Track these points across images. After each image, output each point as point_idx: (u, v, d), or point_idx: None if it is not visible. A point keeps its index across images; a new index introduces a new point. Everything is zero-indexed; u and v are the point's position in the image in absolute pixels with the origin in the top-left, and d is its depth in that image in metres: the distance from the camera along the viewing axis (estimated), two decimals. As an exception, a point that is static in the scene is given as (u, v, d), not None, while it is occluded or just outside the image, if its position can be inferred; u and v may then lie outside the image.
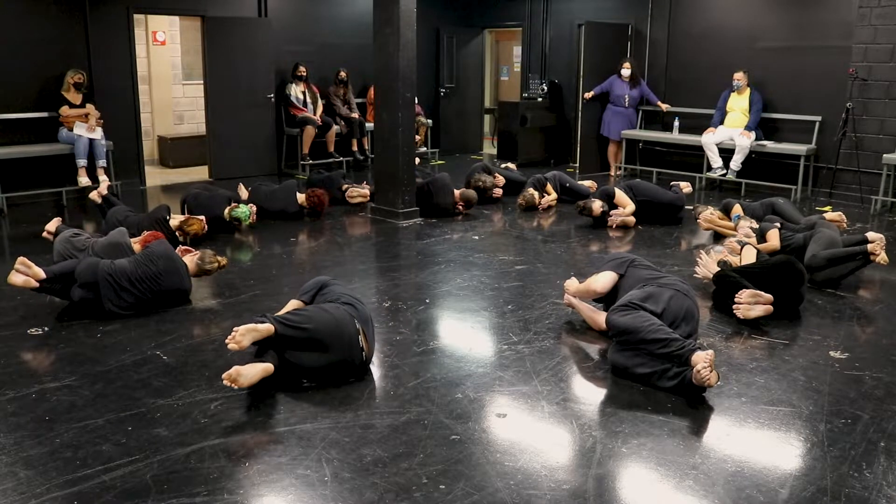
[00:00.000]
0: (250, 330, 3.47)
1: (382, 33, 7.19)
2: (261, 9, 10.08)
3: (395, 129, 7.23)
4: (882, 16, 8.04)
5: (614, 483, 2.90)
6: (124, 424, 3.25)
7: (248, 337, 3.46)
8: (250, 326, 3.49)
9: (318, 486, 2.81)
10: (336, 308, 3.74)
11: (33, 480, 2.82)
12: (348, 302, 3.83)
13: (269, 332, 3.52)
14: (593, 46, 10.34)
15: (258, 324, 3.52)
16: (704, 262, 5.21)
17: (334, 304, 3.79)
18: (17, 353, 4.08)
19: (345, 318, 3.69)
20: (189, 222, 6.09)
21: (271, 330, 3.53)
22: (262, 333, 3.51)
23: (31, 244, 6.14)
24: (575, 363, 4.05)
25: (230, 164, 9.83)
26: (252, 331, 3.48)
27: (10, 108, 8.05)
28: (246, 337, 3.45)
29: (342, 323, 3.67)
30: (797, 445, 3.19)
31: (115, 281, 4.51)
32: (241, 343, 3.44)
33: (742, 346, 4.27)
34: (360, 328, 3.73)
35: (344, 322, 3.67)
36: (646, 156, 10.42)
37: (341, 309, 3.74)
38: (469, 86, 12.72)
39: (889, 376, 3.86)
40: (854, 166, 8.29)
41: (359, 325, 3.73)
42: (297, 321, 3.62)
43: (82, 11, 8.51)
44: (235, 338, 3.44)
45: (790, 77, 8.92)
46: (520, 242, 6.76)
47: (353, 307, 3.80)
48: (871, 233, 5.42)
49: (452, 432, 3.23)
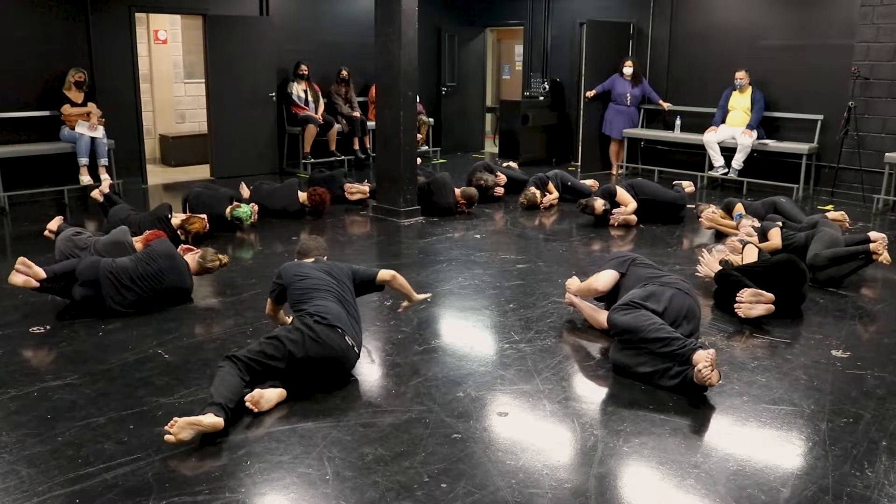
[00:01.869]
0: (192, 424, 3.00)
1: (384, 32, 7.18)
2: (262, 7, 10.08)
3: (397, 128, 7.22)
4: (884, 14, 8.03)
5: (616, 482, 2.89)
6: (126, 423, 3.26)
7: (188, 431, 2.99)
8: (192, 420, 3.01)
9: (319, 485, 2.81)
10: (322, 329, 3.54)
11: (35, 479, 2.82)
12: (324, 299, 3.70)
13: (215, 427, 3.05)
14: (595, 45, 10.32)
15: (203, 416, 3.05)
16: (706, 260, 5.20)
17: (318, 320, 3.57)
18: (19, 351, 4.08)
19: (332, 339, 3.54)
20: (191, 221, 6.09)
21: (219, 425, 3.07)
22: (206, 429, 3.04)
23: (33, 243, 6.14)
24: (576, 362, 4.05)
25: (232, 162, 9.83)
26: (194, 425, 3.01)
27: (12, 107, 8.05)
28: (185, 431, 2.98)
29: (330, 345, 3.54)
30: (799, 444, 3.19)
31: (116, 279, 4.51)
32: (179, 436, 2.97)
33: (743, 345, 4.27)
34: (350, 343, 3.63)
35: (332, 344, 3.55)
36: (647, 155, 10.41)
37: (325, 330, 3.55)
38: (470, 84, 12.71)
39: (891, 375, 3.85)
40: (856, 165, 8.28)
41: (349, 339, 3.62)
42: (271, 355, 3.44)
43: (84, 10, 8.51)
44: (174, 429, 2.97)
45: (792, 76, 8.91)
46: (521, 241, 6.76)
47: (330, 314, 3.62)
48: (874, 232, 5.42)
49: (454, 431, 3.23)
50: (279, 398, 3.43)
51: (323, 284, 3.81)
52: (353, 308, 3.84)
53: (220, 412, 3.11)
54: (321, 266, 4.00)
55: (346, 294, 3.86)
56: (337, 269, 4.01)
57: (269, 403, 3.37)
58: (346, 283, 3.94)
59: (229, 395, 3.23)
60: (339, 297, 3.78)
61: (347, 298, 3.85)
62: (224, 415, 3.12)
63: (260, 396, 3.32)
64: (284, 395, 3.46)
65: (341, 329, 3.60)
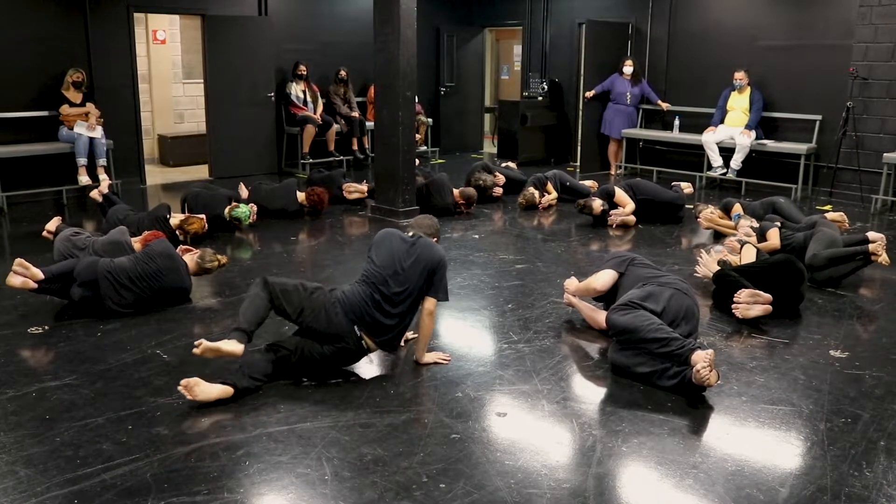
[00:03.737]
0: (213, 350, 3.39)
1: (382, 32, 7.18)
2: (261, 7, 10.08)
3: (396, 128, 7.22)
4: (883, 14, 8.03)
5: (614, 482, 2.90)
6: (124, 423, 3.25)
7: (210, 354, 3.40)
8: (214, 346, 3.38)
9: (318, 485, 2.81)
10: (338, 314, 3.66)
11: (33, 479, 2.82)
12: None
13: (233, 353, 3.42)
14: (594, 45, 10.33)
15: (224, 343, 3.40)
16: (705, 261, 5.21)
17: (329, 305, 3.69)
18: (17, 351, 4.08)
19: (341, 328, 3.65)
20: (189, 221, 6.09)
21: (237, 352, 3.42)
22: (225, 355, 3.42)
23: (32, 243, 6.13)
24: (575, 362, 4.05)
25: (230, 162, 9.83)
26: (215, 350, 3.39)
27: (11, 107, 8.05)
28: (208, 352, 3.39)
29: (337, 331, 3.65)
30: (797, 444, 3.19)
31: (114, 279, 4.50)
32: (203, 354, 3.40)
33: (742, 346, 4.27)
34: (359, 333, 3.69)
35: (339, 331, 3.65)
36: (646, 155, 10.41)
37: (341, 317, 3.66)
38: (469, 84, 12.71)
39: (889, 375, 3.86)
40: (854, 165, 8.29)
41: (358, 330, 3.68)
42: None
43: (82, 10, 8.51)
44: (199, 349, 3.39)
45: (791, 76, 8.92)
46: (520, 241, 6.76)
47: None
48: (872, 233, 5.42)
49: (452, 431, 3.23)
50: (221, 394, 3.39)
51: (375, 273, 3.73)
52: (394, 304, 3.72)
53: (242, 338, 3.44)
54: (405, 248, 3.81)
55: (395, 286, 3.71)
56: (419, 259, 3.76)
57: (206, 395, 3.35)
58: (412, 275, 3.73)
59: (255, 318, 3.54)
60: (381, 292, 3.70)
61: (393, 291, 3.71)
62: (246, 340, 3.46)
63: (196, 384, 3.34)
64: (230, 393, 3.41)
65: (356, 323, 3.67)
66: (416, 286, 3.74)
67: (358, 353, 3.76)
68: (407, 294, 3.73)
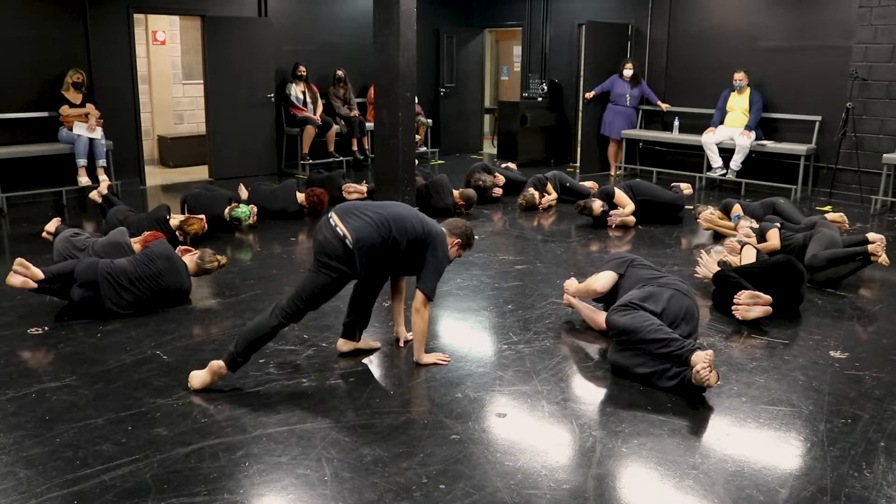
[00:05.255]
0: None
1: (382, 33, 7.18)
2: (261, 8, 10.08)
3: (395, 129, 7.22)
4: (882, 15, 8.04)
5: (614, 483, 2.90)
6: (124, 424, 3.25)
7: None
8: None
9: (317, 486, 2.81)
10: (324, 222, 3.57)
11: (33, 480, 2.82)
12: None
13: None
14: (593, 46, 10.33)
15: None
16: (704, 261, 5.21)
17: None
18: (17, 352, 4.08)
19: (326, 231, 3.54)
20: (189, 222, 6.09)
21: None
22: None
23: (31, 244, 6.13)
24: (575, 363, 4.05)
25: (230, 163, 9.83)
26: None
27: (10, 108, 8.05)
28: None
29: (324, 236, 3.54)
30: (797, 445, 3.19)
31: (114, 280, 4.50)
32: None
33: (742, 346, 4.27)
34: (342, 233, 3.49)
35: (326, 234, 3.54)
36: (646, 156, 10.41)
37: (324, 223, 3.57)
38: (469, 85, 12.71)
39: (889, 376, 3.86)
40: (854, 166, 8.29)
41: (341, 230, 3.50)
42: None
43: (82, 11, 8.51)
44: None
45: (790, 77, 8.92)
46: (520, 242, 6.76)
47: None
48: (872, 233, 5.42)
49: (452, 432, 3.23)
50: (215, 375, 3.56)
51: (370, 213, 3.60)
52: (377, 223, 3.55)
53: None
54: (417, 216, 3.73)
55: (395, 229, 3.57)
56: (427, 229, 3.67)
57: (201, 381, 3.56)
58: (406, 226, 3.60)
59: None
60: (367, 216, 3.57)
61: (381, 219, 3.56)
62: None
63: (190, 377, 3.60)
64: (223, 368, 3.53)
65: (335, 223, 3.51)
66: (409, 237, 3.60)
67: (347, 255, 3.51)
68: (402, 235, 3.59)
